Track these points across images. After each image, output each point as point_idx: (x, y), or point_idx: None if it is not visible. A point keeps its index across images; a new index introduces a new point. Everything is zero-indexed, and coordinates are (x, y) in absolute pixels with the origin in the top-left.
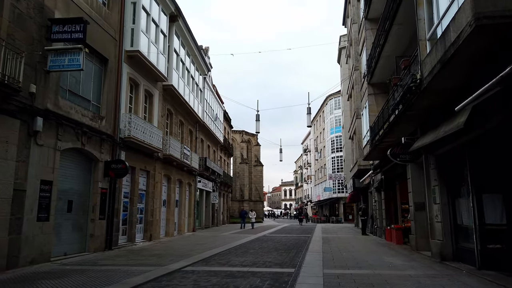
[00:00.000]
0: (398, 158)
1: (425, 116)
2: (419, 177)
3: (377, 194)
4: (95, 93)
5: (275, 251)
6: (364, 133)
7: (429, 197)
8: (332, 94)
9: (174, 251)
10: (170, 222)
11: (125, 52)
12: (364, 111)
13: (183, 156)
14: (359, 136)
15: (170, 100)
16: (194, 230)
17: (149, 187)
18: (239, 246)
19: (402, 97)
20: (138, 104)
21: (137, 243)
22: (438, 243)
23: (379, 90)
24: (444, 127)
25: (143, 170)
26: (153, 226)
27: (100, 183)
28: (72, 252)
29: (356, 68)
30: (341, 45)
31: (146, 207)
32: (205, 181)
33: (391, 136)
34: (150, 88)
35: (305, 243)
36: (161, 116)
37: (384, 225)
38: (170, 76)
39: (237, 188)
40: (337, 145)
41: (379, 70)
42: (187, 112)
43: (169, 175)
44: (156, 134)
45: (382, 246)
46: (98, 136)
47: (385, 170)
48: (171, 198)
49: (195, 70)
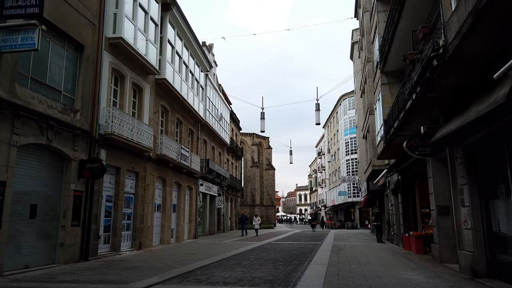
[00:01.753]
0: (416, 152)
1: (449, 99)
2: (442, 175)
3: (393, 197)
4: (68, 83)
5: (272, 263)
6: (378, 129)
7: (455, 199)
8: (345, 94)
9: (158, 262)
10: (165, 229)
11: (107, 40)
12: (377, 104)
13: (181, 157)
14: (372, 134)
15: (164, 96)
16: (196, 237)
17: (139, 190)
18: (234, 256)
19: (420, 75)
20: (124, 98)
21: (122, 252)
22: (468, 255)
23: (393, 79)
24: (477, 106)
25: (130, 171)
26: (144, 233)
27: (73, 185)
28: (36, 264)
29: (369, 60)
30: (354, 39)
31: (135, 212)
32: (209, 184)
33: (408, 127)
34: (139, 81)
35: (311, 253)
36: (154, 113)
37: (402, 231)
38: (163, 69)
39: (248, 193)
40: (352, 147)
41: (393, 54)
42: (186, 110)
43: (164, 177)
44: (146, 132)
45: (400, 256)
46: (70, 131)
47: (402, 170)
48: (166, 202)
49: (195, 65)
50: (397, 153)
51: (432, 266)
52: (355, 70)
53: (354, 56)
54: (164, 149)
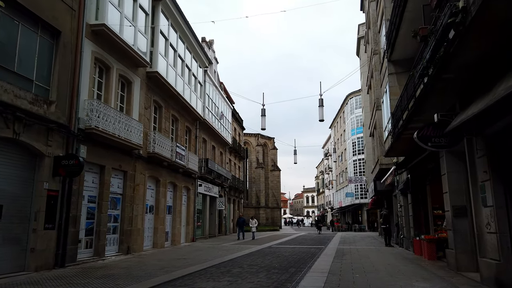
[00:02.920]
0: (429, 143)
1: (467, 82)
2: (458, 171)
3: (402, 198)
4: (43, 72)
5: (266, 271)
6: (385, 124)
7: (475, 198)
8: (352, 93)
9: (140, 269)
10: (159, 232)
11: (88, 26)
12: (385, 97)
13: (176, 155)
14: (379, 131)
15: (157, 91)
16: (194, 240)
17: (127, 190)
18: (226, 262)
19: (434, 51)
20: (109, 91)
21: (107, 258)
22: (492, 263)
23: (401, 68)
24: (505, 83)
25: (117, 170)
26: (133, 237)
27: (47, 184)
28: (1, 272)
29: (375, 52)
30: (360, 34)
31: (123, 214)
32: (209, 185)
33: (419, 118)
34: (128, 73)
35: (312, 258)
36: (145, 109)
37: (412, 235)
38: (155, 61)
39: (253, 194)
40: (359, 147)
41: (401, 40)
42: (183, 107)
43: (157, 177)
44: (135, 128)
45: (410, 262)
46: (42, 124)
47: (411, 167)
48: (160, 203)
49: (192, 60)
50: (406, 149)
51: (448, 275)
52: (361, 66)
53: (361, 52)
54: (156, 147)
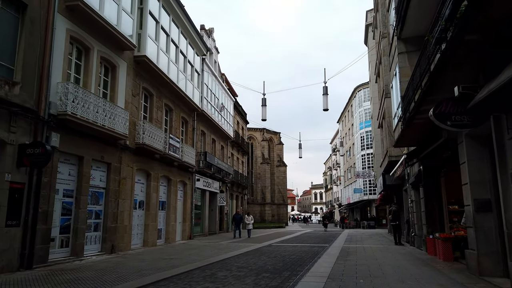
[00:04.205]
0: (448, 121)
1: (493, 48)
2: (481, 159)
3: (413, 192)
4: (5, 49)
5: (255, 275)
6: (395, 110)
7: (504, 189)
8: (360, 85)
9: (115, 272)
10: (150, 229)
11: (62, 2)
12: (394, 81)
13: (170, 148)
14: (389, 120)
15: (147, 78)
16: (191, 238)
17: (111, 184)
18: (214, 263)
19: (456, 4)
20: (89, 75)
21: (86, 258)
22: None
23: (412, 46)
24: None
25: (99, 162)
26: (118, 234)
27: (9, 175)
28: None
29: (384, 35)
30: (368, 21)
31: (106, 210)
32: (209, 180)
33: (433, 98)
34: (111, 56)
35: (313, 259)
36: (133, 96)
37: (425, 233)
38: (144, 45)
39: (258, 190)
40: (367, 141)
41: (412, 13)
42: (178, 96)
43: (147, 170)
44: (120, 116)
45: (423, 264)
46: (3, 108)
47: (424, 158)
48: (151, 198)
49: (187, 46)
50: (418, 137)
51: (469, 280)
52: (369, 55)
53: (369, 40)
54: (146, 138)
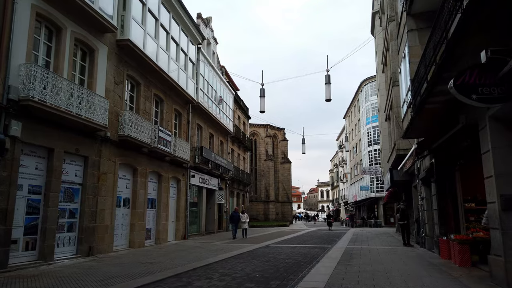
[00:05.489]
0: (474, 95)
1: None
2: (509, 145)
3: (424, 189)
4: None
5: (237, 285)
6: (403, 96)
7: None
8: (367, 79)
9: (77, 281)
10: (136, 228)
11: None
12: (403, 64)
13: (159, 141)
14: (396, 110)
15: (133, 65)
16: (186, 238)
17: (89, 179)
18: (197, 270)
19: None
20: (61, 58)
21: (56, 262)
22: None
23: (423, 23)
24: None
25: (74, 155)
26: (98, 235)
27: None
28: None
29: (392, 19)
30: (374, 9)
31: (83, 208)
32: (206, 176)
33: (451, 74)
34: (89, 39)
35: (310, 263)
36: (115, 84)
37: (437, 233)
38: (127, 28)
39: (262, 188)
40: (374, 137)
41: None
42: (169, 87)
43: (133, 165)
44: (99, 105)
45: (437, 270)
46: None
47: (436, 149)
48: (138, 196)
49: (180, 33)
50: (430, 125)
51: None
52: (376, 45)
53: (375, 30)
54: (131, 130)
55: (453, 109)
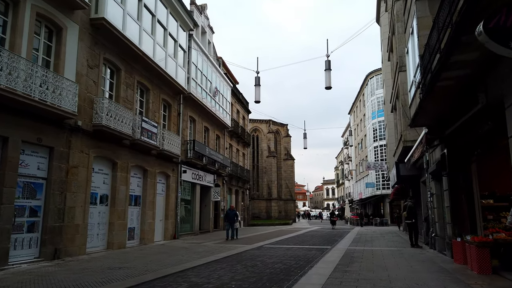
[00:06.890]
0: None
1: None
2: None
3: (434, 184)
4: None
5: None
6: (411, 79)
7: None
8: (373, 72)
9: None
10: (116, 228)
11: None
12: (410, 42)
13: (142, 132)
14: (403, 98)
15: (111, 47)
16: (176, 237)
17: (54, 173)
18: (164, 278)
19: None
20: (18, 34)
21: (12, 266)
22: None
23: None
24: None
25: (35, 145)
26: (66, 236)
27: None
28: None
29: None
30: None
31: (47, 206)
32: (200, 172)
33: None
34: (55, 15)
35: (302, 269)
36: (89, 68)
37: (449, 233)
38: (103, 6)
39: (264, 185)
40: (380, 132)
41: None
42: (155, 74)
43: (111, 158)
44: (67, 90)
45: (452, 279)
46: None
47: (449, 137)
48: (118, 192)
49: (168, 16)
50: (442, 108)
51: None
52: (382, 32)
53: (381, 18)
54: (109, 119)
55: (470, 86)
